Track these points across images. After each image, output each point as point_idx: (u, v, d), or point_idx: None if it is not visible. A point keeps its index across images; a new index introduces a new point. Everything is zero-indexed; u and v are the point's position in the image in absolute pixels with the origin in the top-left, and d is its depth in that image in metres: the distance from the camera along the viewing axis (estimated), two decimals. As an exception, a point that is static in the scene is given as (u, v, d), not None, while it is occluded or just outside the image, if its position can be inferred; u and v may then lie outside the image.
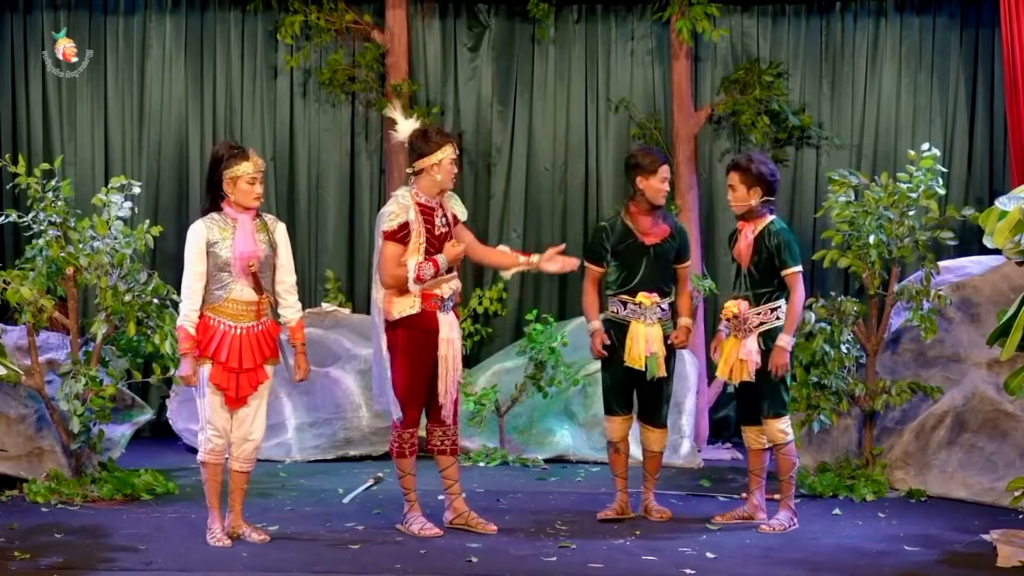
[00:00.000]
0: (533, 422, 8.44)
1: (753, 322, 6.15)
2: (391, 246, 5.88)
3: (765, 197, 6.18)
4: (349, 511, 6.61)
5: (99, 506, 6.67)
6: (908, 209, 7.23)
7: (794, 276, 6.15)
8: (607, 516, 6.43)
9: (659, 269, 6.36)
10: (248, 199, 5.70)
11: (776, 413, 6.20)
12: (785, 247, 6.13)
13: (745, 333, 6.16)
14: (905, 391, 7.19)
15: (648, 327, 6.30)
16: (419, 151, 5.93)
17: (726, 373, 6.25)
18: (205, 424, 5.74)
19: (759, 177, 6.17)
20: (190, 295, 5.69)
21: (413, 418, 6.00)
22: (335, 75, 9.10)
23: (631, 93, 9.27)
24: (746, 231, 6.25)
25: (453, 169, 5.99)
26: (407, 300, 5.91)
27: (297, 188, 9.38)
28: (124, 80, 9.22)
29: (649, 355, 6.25)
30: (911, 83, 9.10)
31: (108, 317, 6.84)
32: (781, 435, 6.21)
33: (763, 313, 6.15)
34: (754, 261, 6.18)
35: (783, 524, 6.23)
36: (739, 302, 6.20)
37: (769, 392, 6.20)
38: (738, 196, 6.22)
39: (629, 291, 6.35)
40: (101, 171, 9.16)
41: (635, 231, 6.35)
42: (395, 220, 5.89)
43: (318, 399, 8.35)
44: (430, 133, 5.98)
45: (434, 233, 5.94)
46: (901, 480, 7.25)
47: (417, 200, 5.95)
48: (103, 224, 6.87)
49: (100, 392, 6.81)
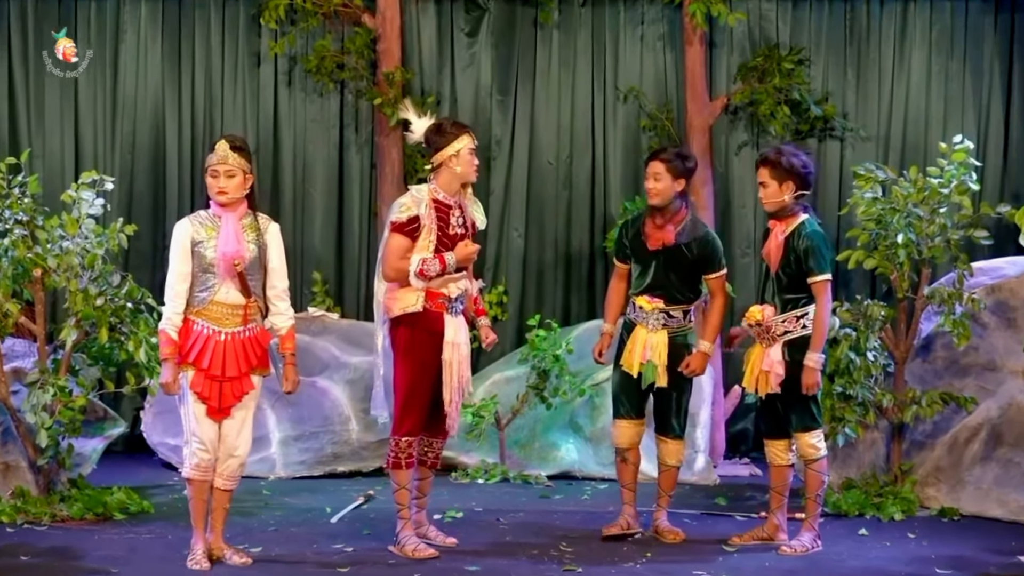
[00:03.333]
0: (536, 436, 8.44)
1: (777, 330, 6.13)
2: (397, 238, 5.93)
3: (799, 192, 6.15)
4: (337, 531, 6.61)
5: (69, 526, 6.66)
6: (939, 206, 7.23)
7: (821, 285, 6.10)
8: (611, 532, 6.46)
9: (670, 275, 6.40)
10: (212, 192, 5.71)
11: (806, 427, 6.20)
12: (814, 252, 6.09)
13: (769, 342, 6.15)
14: (936, 402, 7.19)
15: (651, 333, 6.35)
16: (435, 145, 6.02)
17: (752, 385, 6.25)
18: (189, 436, 5.73)
19: (790, 170, 6.14)
20: (173, 297, 5.70)
21: (412, 425, 6.01)
22: (323, 62, 9.10)
23: (641, 81, 9.26)
24: (777, 231, 6.22)
25: (473, 160, 6.07)
26: (410, 296, 5.94)
27: (282, 183, 9.38)
28: (96, 67, 9.21)
29: (644, 362, 6.33)
30: (942, 70, 9.10)
31: (78, 323, 6.83)
32: (812, 450, 6.20)
33: (788, 321, 6.13)
34: (782, 264, 6.16)
35: (805, 546, 6.22)
36: (764, 307, 6.17)
37: (798, 404, 6.19)
38: (769, 192, 6.18)
39: (637, 293, 6.47)
40: (71, 165, 9.14)
41: (643, 232, 6.45)
42: (405, 212, 5.94)
43: (304, 411, 8.34)
44: (444, 125, 6.08)
45: (447, 232, 5.98)
46: (932, 498, 7.25)
47: (435, 196, 5.99)
48: (73, 223, 6.85)
49: (70, 403, 6.80)
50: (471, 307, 6.23)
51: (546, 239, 9.34)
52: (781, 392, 6.14)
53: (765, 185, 6.19)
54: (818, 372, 6.07)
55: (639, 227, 6.47)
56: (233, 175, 5.70)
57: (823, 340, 6.09)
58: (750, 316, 6.19)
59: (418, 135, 6.14)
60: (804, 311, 6.18)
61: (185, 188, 9.24)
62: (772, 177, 6.16)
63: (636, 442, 6.48)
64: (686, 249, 6.37)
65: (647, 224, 6.45)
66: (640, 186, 8.49)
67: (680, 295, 6.42)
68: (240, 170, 5.72)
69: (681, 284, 6.42)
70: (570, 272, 9.33)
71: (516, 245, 9.32)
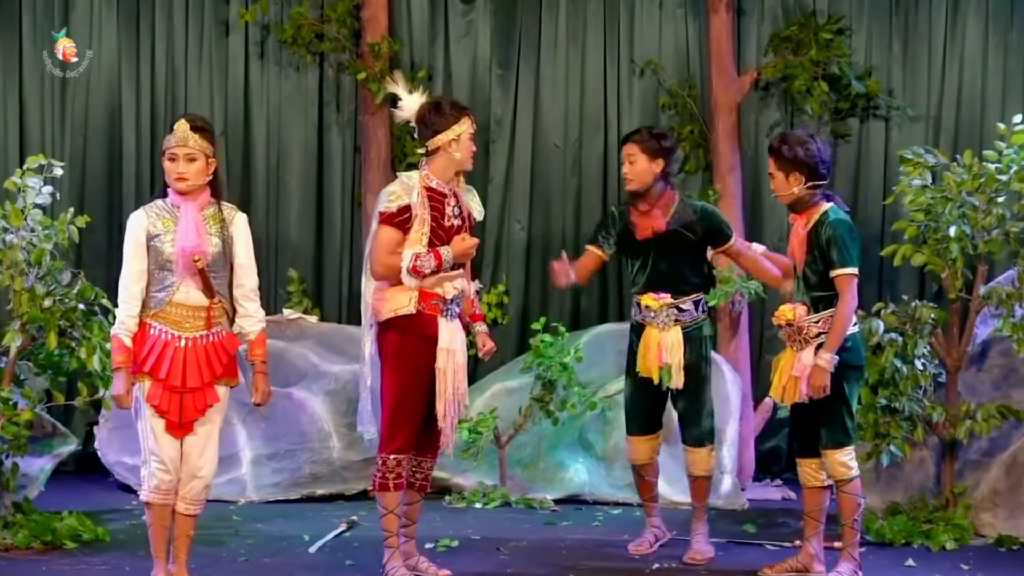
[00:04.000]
0: (540, 454, 8.45)
1: (810, 332, 6.16)
2: (387, 230, 5.96)
3: (810, 183, 6.20)
4: (316, 562, 6.62)
5: (13, 555, 6.65)
6: (997, 194, 7.23)
7: (845, 279, 6.13)
8: (640, 550, 6.82)
9: (670, 263, 6.60)
10: (170, 179, 5.72)
11: (837, 443, 6.22)
12: (837, 242, 6.12)
13: (801, 344, 6.18)
14: (993, 416, 7.19)
15: (663, 332, 6.58)
16: (433, 127, 6.03)
17: (779, 393, 6.28)
18: (148, 455, 5.73)
19: (795, 161, 6.18)
20: (127, 298, 5.69)
21: (402, 442, 6.02)
22: (299, 32, 9.11)
23: (660, 54, 9.27)
24: (798, 225, 6.26)
25: (472, 146, 6.12)
26: (402, 296, 5.96)
27: (254, 170, 9.39)
28: (44, 39, 9.21)
29: (663, 365, 6.55)
30: (1000, 43, 9.09)
31: (24, 326, 6.83)
32: (843, 469, 6.22)
33: (822, 322, 6.16)
34: (807, 261, 6.20)
35: None
36: (796, 307, 6.20)
37: (829, 417, 6.20)
38: (777, 184, 6.27)
39: (639, 292, 6.68)
40: (15, 149, 9.17)
41: (630, 224, 6.66)
42: (395, 201, 5.96)
43: (279, 426, 8.35)
44: (443, 105, 6.10)
45: (442, 223, 6.00)
46: (988, 524, 7.26)
47: (427, 184, 6.02)
48: (17, 213, 6.85)
49: (14, 417, 6.80)
50: (467, 310, 6.26)
51: (552, 232, 9.34)
52: (811, 402, 6.16)
53: (772, 176, 6.28)
54: (828, 375, 6.11)
55: (626, 220, 6.66)
56: (194, 159, 5.70)
57: (839, 340, 6.13)
58: (780, 315, 6.22)
59: (408, 114, 6.13)
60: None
61: (144, 175, 9.24)
62: (778, 168, 6.23)
63: (652, 456, 6.80)
64: (688, 231, 6.57)
65: (632, 214, 6.65)
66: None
67: (687, 284, 6.60)
68: (202, 153, 5.71)
69: (685, 271, 6.61)
70: (579, 270, 9.33)
71: (518, 239, 9.33)
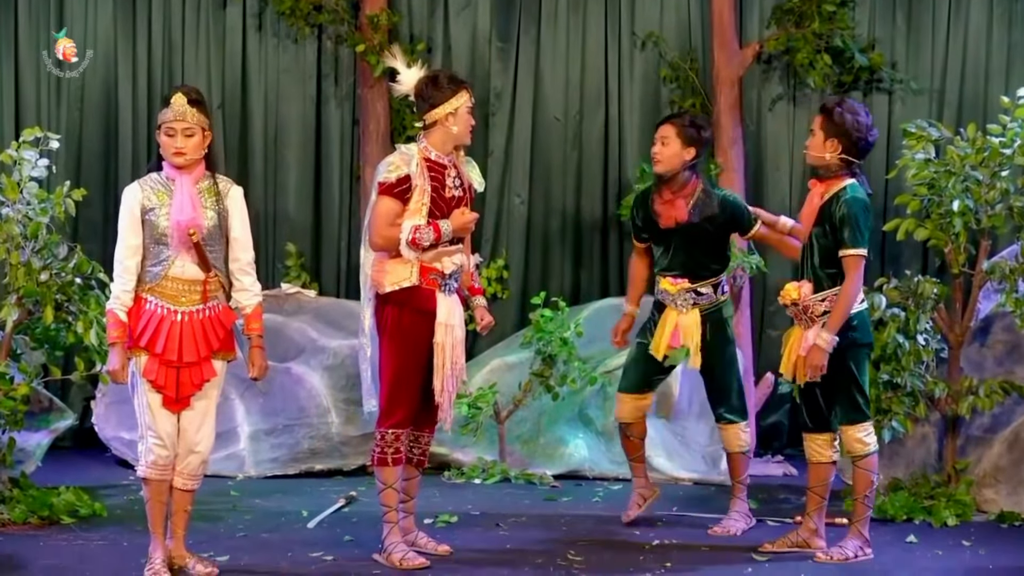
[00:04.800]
0: (540, 430, 8.45)
1: (816, 310, 6.12)
2: (386, 201, 5.95)
3: (844, 155, 6.13)
4: (315, 538, 6.62)
5: (10, 531, 6.66)
6: (1001, 168, 7.23)
7: (853, 260, 6.10)
8: (631, 517, 6.92)
9: (691, 252, 6.66)
10: (167, 154, 5.69)
11: (852, 419, 6.22)
12: (849, 221, 6.07)
13: (808, 323, 6.14)
14: (996, 392, 7.20)
15: (683, 315, 6.66)
16: (431, 100, 6.04)
17: (789, 371, 6.25)
18: (145, 431, 5.75)
19: (841, 126, 6.14)
20: (122, 272, 5.69)
21: (402, 417, 6.03)
22: (297, 4, 9.12)
23: (661, 26, 9.28)
24: (816, 192, 6.22)
25: (471, 119, 6.12)
26: (402, 269, 5.97)
27: (251, 143, 9.40)
28: (39, 10, 9.22)
29: (676, 348, 6.65)
30: (1004, 14, 9.08)
31: (20, 300, 6.83)
32: (860, 445, 6.22)
33: (827, 300, 6.12)
34: (816, 233, 6.15)
35: (846, 554, 6.21)
36: (801, 284, 6.17)
37: (842, 395, 6.20)
38: (813, 144, 6.23)
39: (660, 273, 6.77)
40: (11, 122, 9.17)
41: (653, 211, 6.71)
42: (394, 172, 5.97)
43: (277, 402, 8.35)
44: (441, 79, 6.10)
45: (443, 195, 6.02)
46: (991, 501, 7.26)
47: (426, 155, 6.00)
48: (13, 186, 6.87)
49: (11, 392, 6.81)
50: (466, 284, 6.23)
51: (552, 206, 9.36)
52: (823, 380, 6.11)
53: (813, 133, 6.24)
54: (825, 355, 6.07)
55: (648, 205, 6.71)
56: (192, 134, 5.69)
57: (841, 321, 6.09)
58: (786, 295, 6.20)
59: (406, 87, 6.14)
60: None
61: (141, 147, 9.27)
62: (822, 128, 6.20)
63: (639, 416, 6.87)
64: (710, 223, 6.61)
65: (655, 201, 6.68)
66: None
67: (706, 270, 6.68)
68: (199, 127, 5.72)
69: (705, 258, 6.69)
70: (580, 244, 9.34)
71: (518, 213, 9.33)
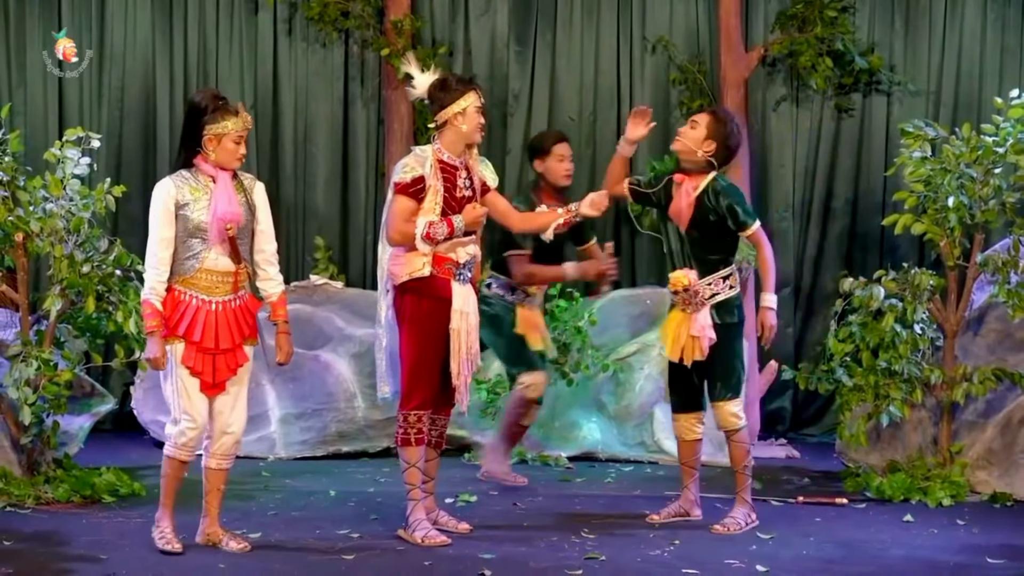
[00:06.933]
0: (556, 414, 8.46)
1: (704, 294, 6.25)
2: (402, 200, 5.99)
3: (712, 158, 6.24)
4: (343, 516, 6.63)
5: (54, 509, 6.69)
6: (994, 166, 7.20)
7: (757, 234, 6.29)
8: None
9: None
10: (231, 160, 5.77)
11: (732, 394, 6.35)
12: (736, 205, 6.24)
13: (696, 307, 6.25)
14: (989, 378, 7.19)
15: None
16: (440, 102, 6.07)
17: (676, 354, 6.31)
18: (180, 415, 5.75)
19: (722, 134, 6.25)
20: (156, 264, 5.70)
21: (423, 399, 6.06)
22: (326, 10, 9.10)
23: (671, 31, 9.25)
24: (687, 187, 6.29)
25: (479, 118, 6.12)
26: (417, 260, 6.01)
27: (282, 142, 9.40)
28: (81, 16, 9.22)
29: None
30: (998, 19, 9.05)
31: (63, 291, 6.84)
32: (734, 419, 6.35)
33: (714, 283, 6.28)
34: (696, 224, 6.25)
35: (739, 523, 6.35)
36: (688, 272, 6.28)
37: (723, 371, 6.32)
38: (691, 136, 6.28)
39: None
40: (55, 122, 9.20)
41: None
42: (409, 172, 6.00)
43: (306, 387, 8.38)
44: (450, 81, 6.14)
45: (455, 195, 6.04)
46: (984, 482, 7.26)
47: (439, 157, 6.06)
48: (57, 183, 6.86)
49: (54, 378, 6.82)
50: (478, 275, 6.28)
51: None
52: (707, 358, 6.24)
53: (694, 126, 6.30)
54: (775, 313, 6.23)
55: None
56: (246, 140, 5.84)
57: (774, 281, 6.28)
58: (676, 282, 6.29)
59: (421, 91, 6.19)
60: (728, 271, 6.32)
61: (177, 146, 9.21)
62: (706, 126, 6.28)
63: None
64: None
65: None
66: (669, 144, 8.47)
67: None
68: None
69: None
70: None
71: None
